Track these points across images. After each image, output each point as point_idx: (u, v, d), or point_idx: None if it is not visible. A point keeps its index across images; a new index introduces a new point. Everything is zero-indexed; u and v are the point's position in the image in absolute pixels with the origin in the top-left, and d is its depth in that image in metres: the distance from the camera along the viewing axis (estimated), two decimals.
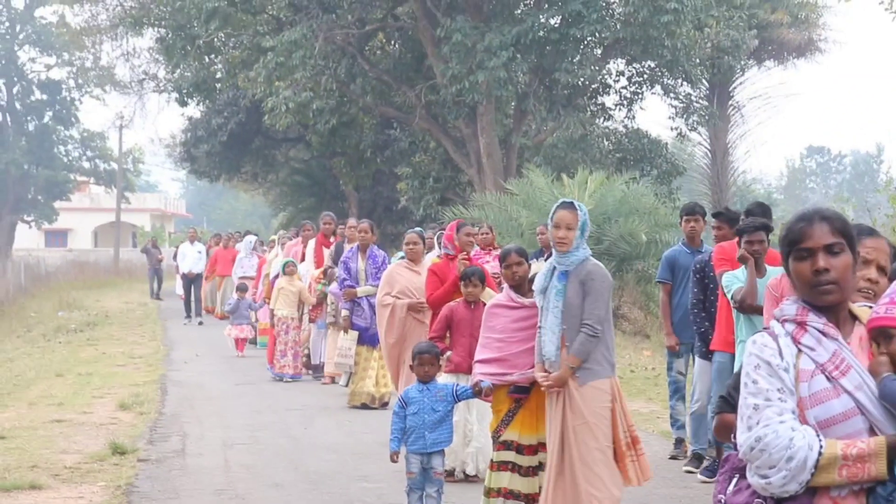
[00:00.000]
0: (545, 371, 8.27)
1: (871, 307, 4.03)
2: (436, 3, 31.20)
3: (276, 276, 20.54)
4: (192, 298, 30.92)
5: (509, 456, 8.81)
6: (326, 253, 18.93)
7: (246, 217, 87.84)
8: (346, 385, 16.61)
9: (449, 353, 10.57)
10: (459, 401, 9.18)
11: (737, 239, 10.08)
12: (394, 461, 8.95)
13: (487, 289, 11.18)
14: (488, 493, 8.89)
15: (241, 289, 23.41)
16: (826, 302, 3.90)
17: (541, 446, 8.79)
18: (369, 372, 15.64)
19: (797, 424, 3.76)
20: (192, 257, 31.07)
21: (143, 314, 34.84)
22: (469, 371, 10.05)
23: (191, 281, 30.99)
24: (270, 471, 11.83)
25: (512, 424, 8.86)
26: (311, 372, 19.38)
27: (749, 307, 9.62)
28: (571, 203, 8.31)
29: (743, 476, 3.94)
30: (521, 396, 8.85)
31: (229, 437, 13.83)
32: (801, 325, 3.91)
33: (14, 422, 14.69)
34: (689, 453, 11.56)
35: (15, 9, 73.68)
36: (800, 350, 3.88)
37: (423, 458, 8.80)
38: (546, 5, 30.91)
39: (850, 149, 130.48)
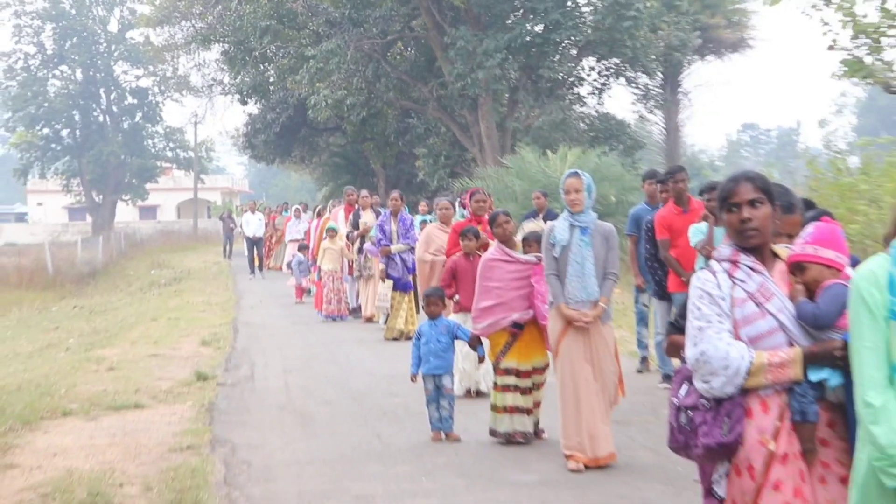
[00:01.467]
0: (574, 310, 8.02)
1: (789, 248, 4.13)
2: (443, 17, 31.14)
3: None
4: (256, 257, 30.82)
5: (510, 380, 8.79)
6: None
7: (296, 191, 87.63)
8: (384, 323, 16.64)
9: (456, 296, 10.63)
10: (456, 339, 9.29)
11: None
12: (413, 381, 9.28)
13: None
14: (495, 408, 8.87)
15: (303, 248, 23.38)
16: (751, 244, 3.99)
17: (534, 371, 8.85)
18: (401, 312, 15.75)
19: (732, 340, 3.86)
20: (254, 224, 30.86)
21: (218, 271, 34.91)
22: (469, 308, 9.97)
23: (254, 243, 30.86)
24: (321, 390, 11.88)
25: (509, 354, 8.81)
26: (351, 314, 19.39)
27: (707, 253, 9.61)
28: (576, 172, 8.17)
29: (691, 382, 4.00)
30: (516, 331, 8.80)
31: (288, 364, 13.89)
32: (735, 263, 4.01)
33: (120, 356, 14.78)
34: (661, 376, 11.42)
35: (110, 32, 73.97)
36: (734, 283, 3.97)
37: (436, 378, 9.09)
38: (531, 16, 30.72)
39: (775, 124, 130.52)
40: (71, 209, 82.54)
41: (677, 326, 4.69)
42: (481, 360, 9.31)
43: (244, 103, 43.06)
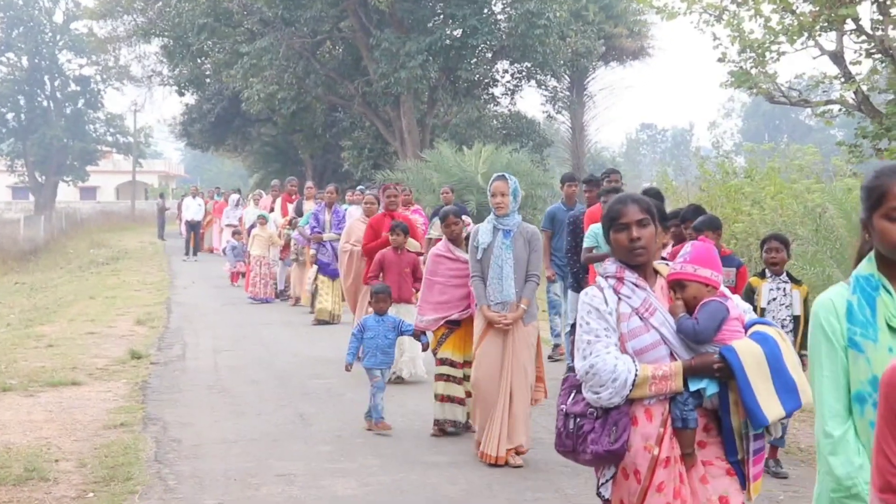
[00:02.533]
0: (495, 312, 7.68)
1: (668, 264, 4.11)
2: (369, 19, 31.01)
3: (252, 226, 20.33)
4: (192, 241, 30.23)
5: (445, 369, 8.55)
6: (290, 207, 18.98)
7: (229, 176, 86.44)
8: (312, 305, 16.55)
9: None
10: (402, 335, 9.01)
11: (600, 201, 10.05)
12: (347, 370, 8.86)
13: (410, 239, 11.06)
14: (436, 397, 8.62)
15: (236, 233, 22.97)
16: (639, 262, 3.96)
17: (466, 363, 8.45)
18: (329, 296, 15.67)
19: (619, 354, 3.83)
20: (193, 208, 30.37)
21: (153, 251, 34.38)
22: (398, 300, 10.04)
23: (192, 227, 30.31)
24: (248, 371, 11.76)
25: (445, 344, 8.57)
26: (278, 297, 19.29)
27: (587, 260, 9.87)
28: (503, 175, 7.82)
29: (579, 391, 3.95)
30: (452, 327, 8.56)
31: (217, 345, 13.72)
32: (620, 279, 3.96)
33: (59, 333, 14.52)
34: (567, 367, 10.92)
35: (55, 22, 72.75)
36: (619, 298, 3.93)
37: (382, 371, 8.77)
38: (451, 21, 30.72)
39: (670, 125, 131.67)
40: (14, 188, 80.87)
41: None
42: (425, 348, 8.97)
43: (181, 94, 42.64)
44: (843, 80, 17.63)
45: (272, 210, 20.59)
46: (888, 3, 16.78)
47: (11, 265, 33.28)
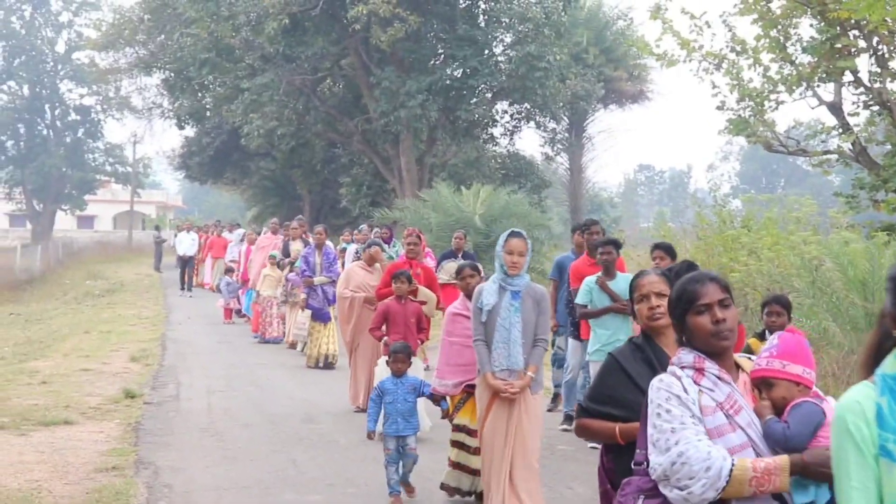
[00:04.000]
0: (501, 380, 6.97)
1: (750, 358, 3.67)
2: (370, 58, 31.18)
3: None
4: (186, 275, 29.90)
5: (460, 437, 7.90)
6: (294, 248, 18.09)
7: (226, 209, 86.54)
8: (302, 351, 16.37)
9: (386, 338, 9.96)
10: (422, 396, 8.18)
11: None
12: (371, 438, 8.10)
13: (422, 288, 10.84)
14: (449, 462, 8.02)
15: (229, 270, 22.79)
16: (724, 347, 3.51)
17: None
18: (321, 341, 15.30)
19: (711, 443, 3.32)
20: (186, 243, 30.09)
21: (149, 283, 34.34)
22: None
23: (185, 262, 29.96)
24: (242, 413, 11.70)
25: (462, 411, 7.90)
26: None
27: (583, 316, 9.76)
28: (521, 233, 7.09)
29: (650, 496, 3.49)
30: (470, 391, 7.73)
31: (211, 385, 13.66)
32: (700, 370, 3.48)
33: (53, 369, 14.49)
34: (563, 416, 10.91)
35: (57, 52, 73.07)
36: (700, 390, 3.44)
37: (399, 440, 7.89)
38: (452, 62, 30.92)
39: (668, 166, 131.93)
40: (12, 216, 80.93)
41: (588, 410, 4.47)
42: (445, 414, 8.09)
43: (181, 127, 42.88)
44: (840, 130, 17.76)
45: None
46: (886, 56, 16.94)
47: (7, 295, 33.26)
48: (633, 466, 3.68)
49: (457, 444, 7.94)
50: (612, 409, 4.35)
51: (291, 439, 10.29)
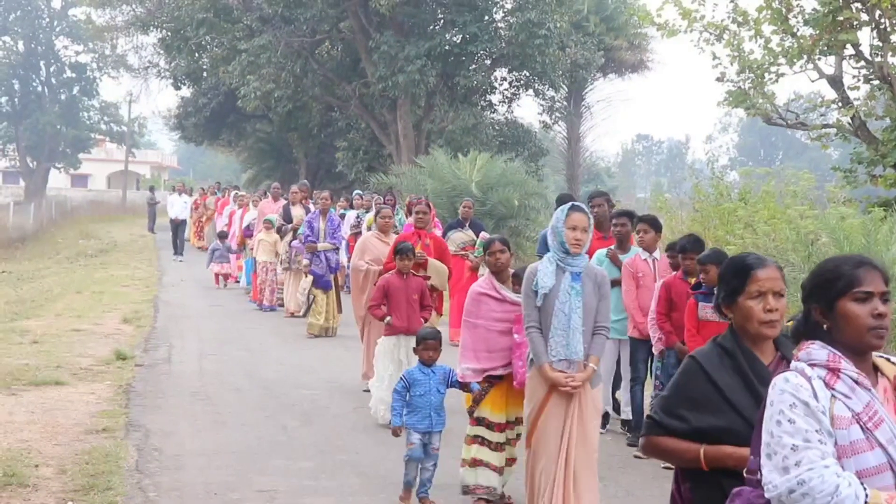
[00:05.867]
0: (561, 371, 6.19)
1: (889, 360, 3.10)
2: (369, 22, 31.07)
3: (246, 228, 19.86)
4: (178, 239, 28.99)
5: (480, 430, 7.17)
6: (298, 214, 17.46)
7: (221, 170, 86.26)
8: (304, 316, 16.11)
9: (388, 318, 9.23)
10: (451, 387, 7.29)
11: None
12: (397, 435, 7.17)
13: (432, 261, 10.47)
14: (463, 462, 7.23)
15: (222, 235, 22.51)
16: (878, 346, 2.99)
17: (507, 425, 7.20)
18: (322, 309, 14.94)
19: (840, 470, 2.80)
20: (178, 206, 29.21)
21: (143, 244, 34.28)
22: (407, 332, 8.98)
23: (177, 225, 29.06)
24: (233, 377, 11.70)
25: (483, 403, 7.17)
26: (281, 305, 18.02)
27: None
28: (582, 206, 6.36)
29: None
30: (493, 381, 7.16)
31: (203, 348, 13.66)
32: (834, 371, 2.94)
33: (45, 329, 14.45)
34: None
35: (53, 8, 72.76)
36: (833, 396, 2.91)
37: (425, 436, 7.09)
38: (451, 27, 30.80)
39: (666, 136, 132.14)
40: (5, 172, 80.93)
41: (662, 425, 3.71)
42: (478, 395, 7.22)
43: (178, 88, 42.75)
44: (840, 104, 17.70)
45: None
46: (888, 29, 16.85)
47: None
48: (744, 474, 3.18)
49: (476, 440, 7.22)
50: (692, 424, 3.63)
51: (283, 405, 10.30)
